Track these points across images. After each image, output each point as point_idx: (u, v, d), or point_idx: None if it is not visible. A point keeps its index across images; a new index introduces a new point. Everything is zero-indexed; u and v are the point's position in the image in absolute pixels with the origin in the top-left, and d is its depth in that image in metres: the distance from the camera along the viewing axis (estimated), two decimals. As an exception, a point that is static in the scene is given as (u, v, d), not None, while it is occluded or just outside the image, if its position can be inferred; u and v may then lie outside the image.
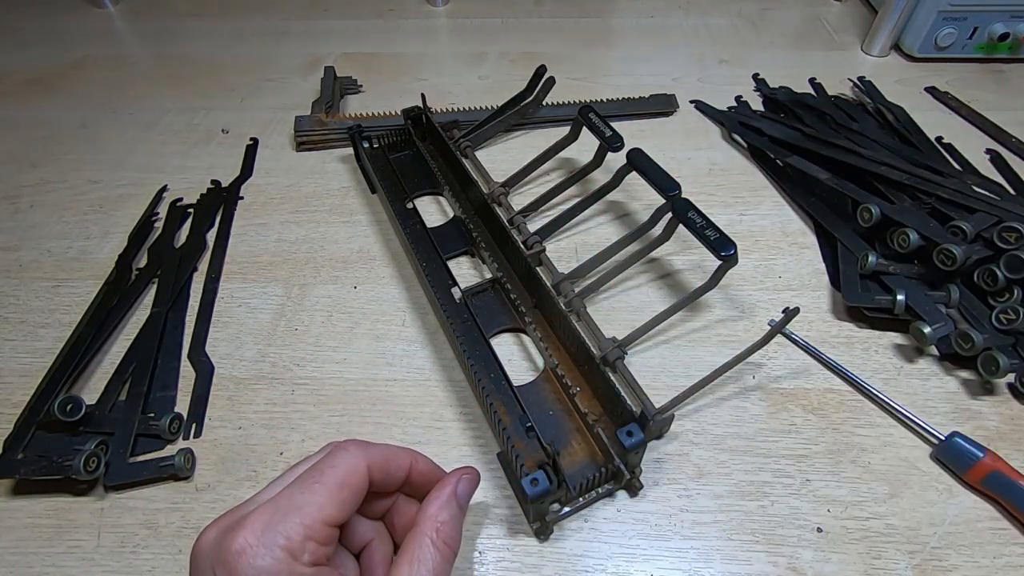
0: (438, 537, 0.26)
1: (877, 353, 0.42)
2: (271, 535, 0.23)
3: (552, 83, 0.56)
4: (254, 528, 0.23)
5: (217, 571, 0.22)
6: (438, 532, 0.26)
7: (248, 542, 0.22)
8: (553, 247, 0.48)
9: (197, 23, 0.80)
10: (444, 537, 0.26)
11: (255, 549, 0.22)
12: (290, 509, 0.23)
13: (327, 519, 0.24)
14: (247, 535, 0.23)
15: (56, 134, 0.62)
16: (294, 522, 0.23)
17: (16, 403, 0.39)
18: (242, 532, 0.23)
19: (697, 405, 0.39)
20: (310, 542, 0.23)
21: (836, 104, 0.62)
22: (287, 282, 0.47)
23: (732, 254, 0.37)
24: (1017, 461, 0.35)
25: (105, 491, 0.35)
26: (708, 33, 0.77)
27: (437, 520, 0.27)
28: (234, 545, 0.22)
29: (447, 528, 0.27)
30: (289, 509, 0.23)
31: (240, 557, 0.22)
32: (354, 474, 0.25)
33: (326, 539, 0.24)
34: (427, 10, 0.82)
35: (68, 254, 0.49)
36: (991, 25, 0.66)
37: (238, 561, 0.22)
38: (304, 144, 0.59)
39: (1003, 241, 0.40)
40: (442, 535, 0.26)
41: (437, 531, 0.26)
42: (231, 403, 0.39)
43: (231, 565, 0.22)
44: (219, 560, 0.23)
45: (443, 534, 0.26)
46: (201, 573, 0.23)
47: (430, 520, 0.27)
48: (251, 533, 0.23)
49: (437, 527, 0.26)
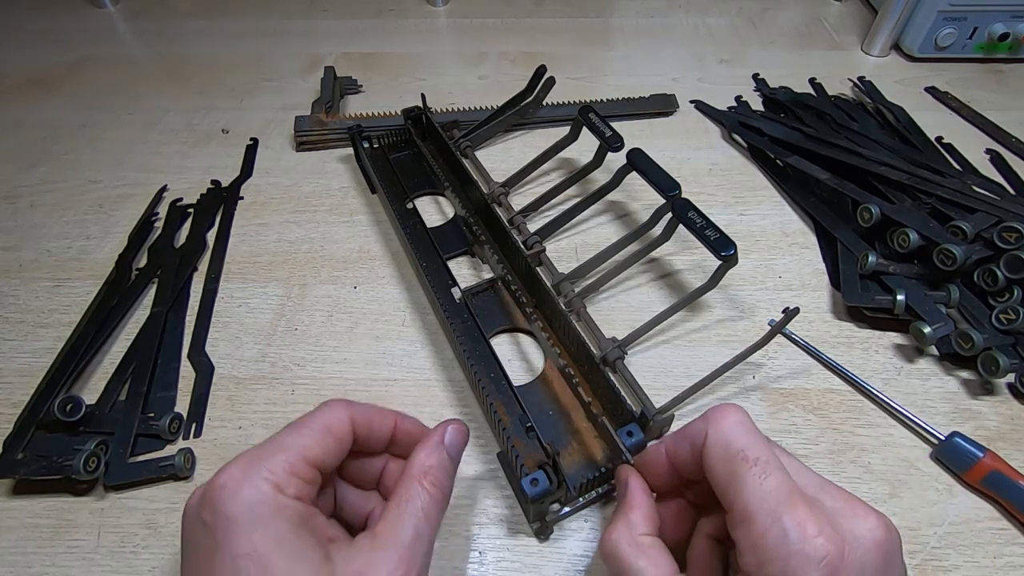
0: (426, 479, 0.25)
1: (877, 353, 0.42)
2: (255, 469, 0.22)
3: (552, 83, 0.56)
4: (238, 464, 0.23)
5: (203, 515, 0.22)
6: (426, 475, 0.25)
7: (231, 475, 0.22)
8: (553, 247, 0.48)
9: (197, 23, 0.80)
10: (433, 480, 0.25)
11: (238, 481, 0.22)
12: (275, 448, 0.23)
13: (311, 459, 0.23)
14: (231, 470, 0.22)
15: (56, 134, 0.62)
16: (279, 459, 0.23)
17: (16, 403, 0.39)
18: (226, 470, 0.23)
19: (697, 405, 0.39)
20: (294, 478, 0.23)
21: (836, 104, 0.62)
22: (287, 282, 0.47)
23: (732, 254, 0.37)
24: (1017, 461, 0.35)
25: (105, 491, 0.35)
26: (708, 33, 0.77)
27: (424, 464, 0.26)
28: (217, 481, 0.22)
29: (436, 472, 0.26)
30: (274, 449, 0.23)
31: (223, 490, 0.22)
32: (338, 423, 0.25)
33: (310, 478, 0.23)
34: (427, 10, 0.82)
35: (68, 254, 0.49)
36: (991, 25, 0.66)
37: (221, 495, 0.22)
38: (304, 144, 0.59)
39: (1003, 241, 0.40)
40: (430, 478, 0.25)
41: (425, 474, 0.25)
42: (231, 403, 0.39)
43: (215, 501, 0.22)
44: (204, 504, 0.22)
45: (431, 477, 0.25)
46: (191, 527, 0.23)
47: (418, 465, 0.26)
48: (235, 468, 0.22)
49: (425, 470, 0.26)
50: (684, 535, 0.28)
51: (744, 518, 0.22)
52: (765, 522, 0.21)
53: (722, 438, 0.24)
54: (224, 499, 0.22)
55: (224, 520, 0.21)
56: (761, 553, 0.21)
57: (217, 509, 0.22)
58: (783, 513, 0.21)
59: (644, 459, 0.29)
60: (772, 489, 0.22)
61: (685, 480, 0.28)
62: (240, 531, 0.21)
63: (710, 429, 0.25)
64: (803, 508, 0.21)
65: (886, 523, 0.23)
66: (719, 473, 0.24)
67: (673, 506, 0.29)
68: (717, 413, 0.25)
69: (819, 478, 0.25)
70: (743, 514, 0.22)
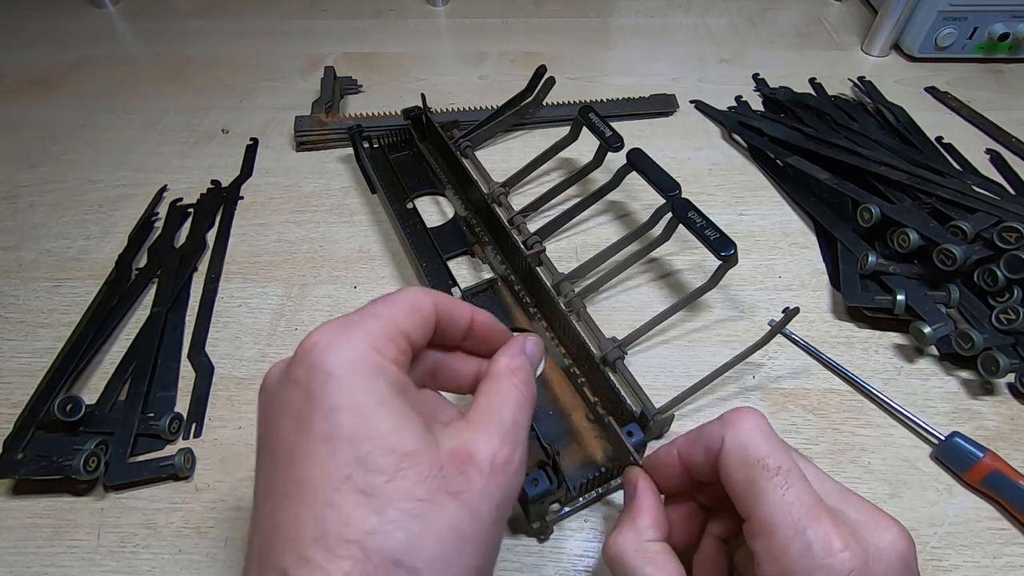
0: (515, 377, 0.24)
1: (877, 353, 0.42)
2: (351, 329, 0.20)
3: (552, 83, 0.56)
4: (329, 326, 0.21)
5: (295, 373, 0.20)
6: (515, 373, 0.24)
7: (325, 335, 0.20)
8: (553, 247, 0.48)
9: (197, 23, 0.80)
10: (521, 379, 0.24)
11: (334, 340, 0.20)
12: (365, 315, 0.21)
13: (403, 330, 0.21)
14: (323, 331, 0.20)
15: (56, 134, 0.62)
16: (373, 323, 0.21)
17: (16, 403, 0.39)
18: (317, 331, 0.20)
19: (697, 405, 0.39)
20: (391, 343, 0.21)
21: (836, 104, 0.62)
22: (287, 282, 0.47)
23: (732, 254, 0.37)
24: (1017, 461, 0.35)
25: (105, 491, 0.35)
26: (708, 33, 0.77)
27: (511, 365, 0.24)
28: (310, 340, 0.20)
29: (523, 374, 0.24)
30: (364, 315, 0.21)
31: (317, 347, 0.20)
32: (423, 301, 0.23)
33: (404, 348, 0.21)
34: (427, 10, 0.82)
35: (68, 254, 0.49)
36: (991, 25, 0.66)
37: (316, 350, 0.20)
38: (304, 144, 0.59)
39: (1003, 241, 0.40)
40: (520, 376, 0.24)
41: (514, 372, 0.24)
42: (231, 403, 0.39)
43: (310, 356, 0.20)
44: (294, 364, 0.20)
45: (520, 376, 0.24)
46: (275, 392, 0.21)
47: (504, 364, 0.24)
48: (327, 329, 0.20)
49: (512, 369, 0.24)
50: (694, 538, 0.28)
51: (765, 530, 0.22)
52: (787, 534, 0.21)
53: (740, 444, 0.23)
54: (320, 354, 0.20)
55: (322, 374, 0.19)
56: (783, 566, 0.21)
57: (313, 364, 0.19)
58: (807, 525, 0.21)
59: (655, 461, 0.28)
60: (794, 500, 0.21)
61: (697, 482, 0.27)
62: (340, 386, 0.19)
63: (727, 434, 0.24)
64: (827, 521, 0.21)
65: (906, 533, 0.22)
66: (737, 480, 0.23)
67: (683, 509, 0.28)
68: (734, 417, 0.24)
69: (839, 486, 0.24)
70: (764, 525, 0.22)
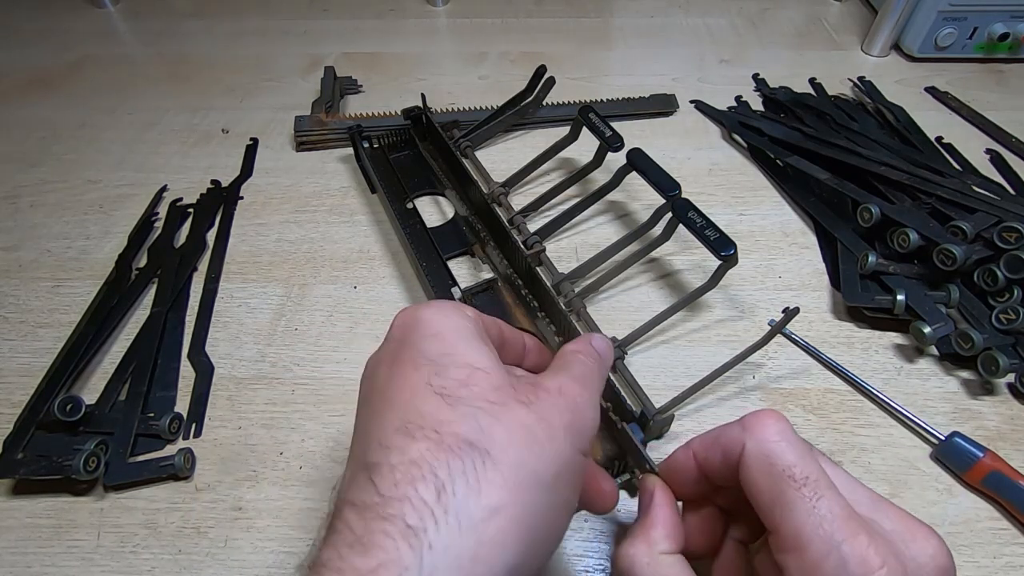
0: (581, 353, 0.25)
1: (877, 353, 0.42)
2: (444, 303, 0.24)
3: (552, 83, 0.56)
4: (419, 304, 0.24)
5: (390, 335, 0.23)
6: (579, 352, 0.25)
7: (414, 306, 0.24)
8: (553, 247, 0.48)
9: (197, 23, 0.80)
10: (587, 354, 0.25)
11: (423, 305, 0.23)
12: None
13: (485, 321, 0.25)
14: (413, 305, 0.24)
15: (56, 134, 0.62)
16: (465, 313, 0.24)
17: (16, 403, 0.39)
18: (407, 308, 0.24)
19: (697, 405, 0.39)
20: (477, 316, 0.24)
21: (836, 104, 0.62)
22: (287, 282, 0.47)
23: (732, 254, 0.37)
24: (1017, 461, 0.35)
25: (105, 491, 0.35)
26: (708, 33, 0.77)
27: (574, 348, 0.25)
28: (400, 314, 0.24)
29: (587, 352, 0.25)
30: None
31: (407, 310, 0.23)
32: (485, 316, 0.26)
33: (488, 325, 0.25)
34: (427, 10, 0.82)
35: (68, 254, 0.49)
36: (991, 25, 0.66)
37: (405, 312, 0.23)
38: (304, 144, 0.59)
39: (1003, 241, 0.40)
40: (584, 353, 0.25)
41: (579, 350, 0.25)
42: (231, 403, 0.39)
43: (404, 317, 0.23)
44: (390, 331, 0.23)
45: (584, 352, 0.25)
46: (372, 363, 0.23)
47: (568, 348, 0.25)
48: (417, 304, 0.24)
49: (575, 350, 0.25)
50: (715, 544, 0.26)
51: (795, 544, 0.20)
52: (821, 550, 0.20)
53: (763, 452, 0.22)
54: (413, 311, 0.23)
55: (414, 321, 0.23)
56: None
57: (406, 320, 0.23)
58: (841, 541, 0.19)
59: (671, 466, 0.27)
60: (826, 512, 0.20)
61: (714, 486, 0.26)
62: (429, 324, 0.22)
63: (748, 440, 0.22)
64: (864, 536, 0.20)
65: (945, 546, 0.21)
66: (761, 490, 0.22)
67: (702, 513, 0.26)
68: (755, 423, 0.23)
69: (871, 493, 0.23)
70: (794, 540, 0.20)
